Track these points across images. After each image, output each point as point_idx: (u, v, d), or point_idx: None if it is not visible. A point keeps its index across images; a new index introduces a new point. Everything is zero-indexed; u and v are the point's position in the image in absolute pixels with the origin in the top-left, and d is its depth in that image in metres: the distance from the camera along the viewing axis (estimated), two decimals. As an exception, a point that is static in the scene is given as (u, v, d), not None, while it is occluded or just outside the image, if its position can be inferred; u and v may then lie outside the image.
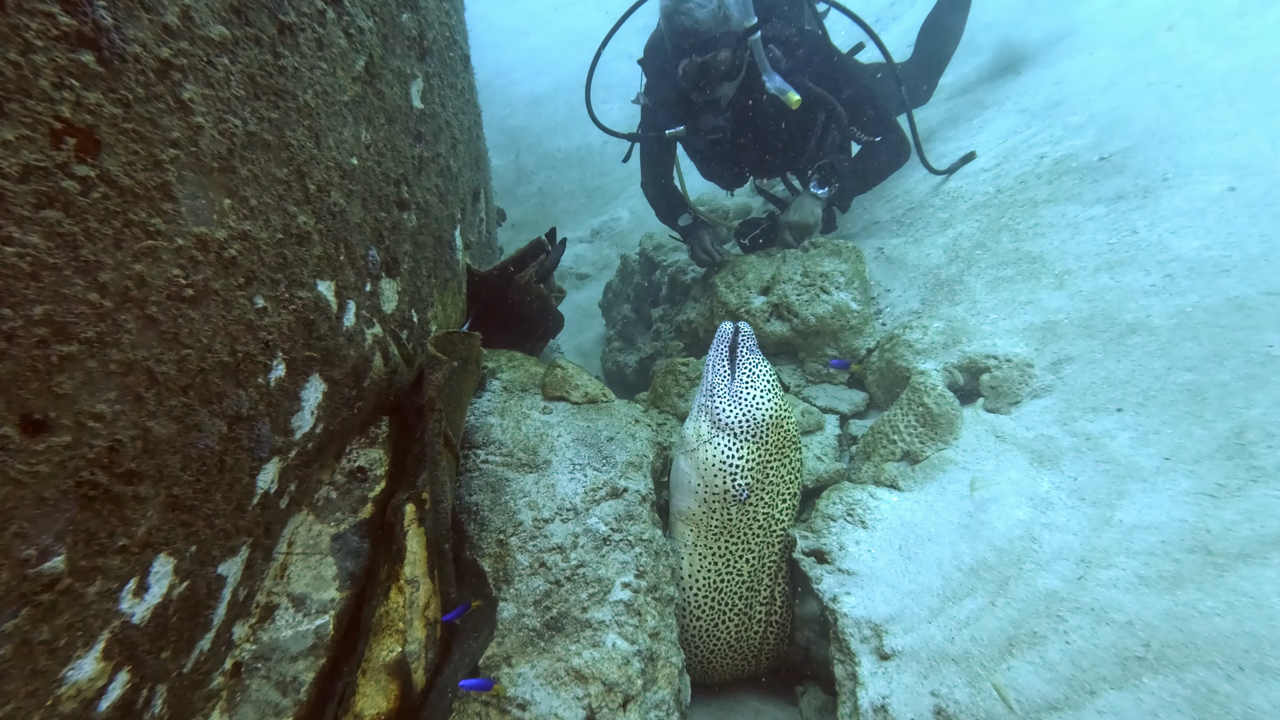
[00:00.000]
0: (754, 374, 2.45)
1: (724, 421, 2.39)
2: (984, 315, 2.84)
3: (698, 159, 4.06)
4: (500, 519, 2.26)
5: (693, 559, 2.53)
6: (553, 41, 12.11)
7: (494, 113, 10.93)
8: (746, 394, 2.41)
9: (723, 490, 2.40)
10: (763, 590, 2.54)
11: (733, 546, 2.49)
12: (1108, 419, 2.22)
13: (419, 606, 2.05)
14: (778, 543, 2.53)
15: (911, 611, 2.11)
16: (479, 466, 2.40)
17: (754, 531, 2.50)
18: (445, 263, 2.68)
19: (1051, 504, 2.13)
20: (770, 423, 2.40)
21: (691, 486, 2.46)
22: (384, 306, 2.18)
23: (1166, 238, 2.49)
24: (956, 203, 3.58)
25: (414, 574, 2.08)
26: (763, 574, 2.53)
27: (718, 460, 2.38)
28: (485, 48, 12.18)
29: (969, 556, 2.15)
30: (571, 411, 2.66)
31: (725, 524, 2.44)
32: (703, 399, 2.50)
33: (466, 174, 2.91)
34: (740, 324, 2.55)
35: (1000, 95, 4.33)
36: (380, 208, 2.06)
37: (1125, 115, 3.15)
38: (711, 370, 2.50)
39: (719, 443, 2.39)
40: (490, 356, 2.95)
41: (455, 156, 2.68)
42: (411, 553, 2.11)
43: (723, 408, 2.41)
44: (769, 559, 2.53)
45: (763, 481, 2.44)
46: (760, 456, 2.40)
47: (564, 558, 2.19)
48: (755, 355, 2.51)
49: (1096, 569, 1.84)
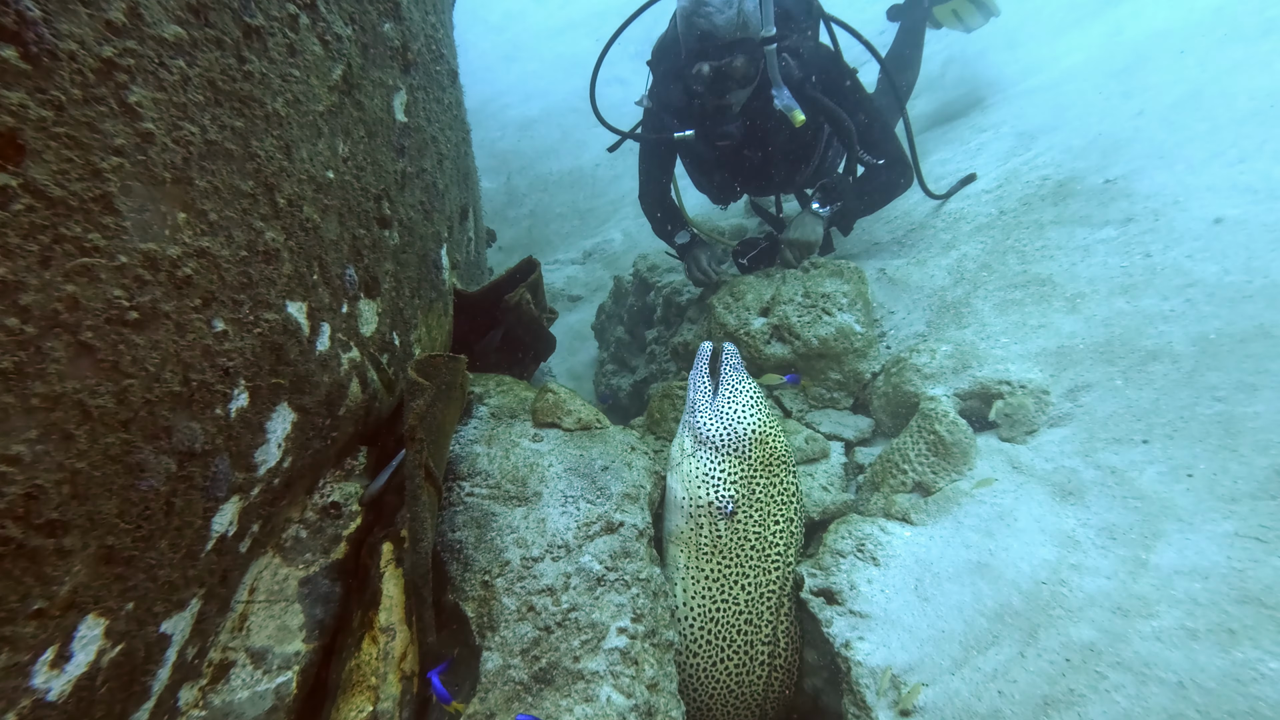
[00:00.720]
0: (736, 390, 2.43)
1: (704, 436, 2.38)
2: (994, 339, 2.73)
3: (694, 169, 3.97)
4: (485, 558, 2.09)
5: (686, 584, 2.39)
6: (544, 67, 12.17)
7: (485, 136, 10.94)
8: (728, 409, 2.39)
9: (707, 502, 2.34)
10: (764, 626, 2.37)
11: (725, 569, 2.35)
12: (1133, 451, 2.10)
13: (394, 658, 1.86)
14: (775, 571, 2.38)
15: (932, 661, 1.95)
16: (463, 500, 2.24)
17: (747, 554, 2.36)
18: (430, 283, 2.54)
19: (1078, 543, 2.00)
20: (753, 438, 2.36)
21: (677, 502, 2.41)
22: (362, 329, 2.03)
23: (1183, 261, 2.40)
24: (959, 224, 3.50)
25: (390, 621, 1.90)
26: (762, 606, 2.37)
27: (699, 473, 2.36)
28: (476, 73, 12.22)
29: (991, 599, 2.00)
30: (564, 439, 2.51)
31: (714, 542, 2.34)
32: (686, 415, 2.51)
33: (453, 191, 2.79)
34: (725, 344, 2.56)
35: (997, 119, 4.30)
36: (359, 224, 1.92)
37: (1128, 139, 3.09)
38: (693, 387, 2.51)
39: (701, 455, 2.38)
40: (478, 381, 2.79)
41: (441, 173, 2.56)
42: (388, 597, 1.93)
43: (703, 423, 2.40)
44: (767, 588, 2.37)
45: (749, 498, 2.35)
46: (744, 471, 2.35)
47: (554, 601, 2.02)
48: (739, 373, 2.49)
49: (1136, 619, 1.69)
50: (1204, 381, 2.08)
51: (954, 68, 5.60)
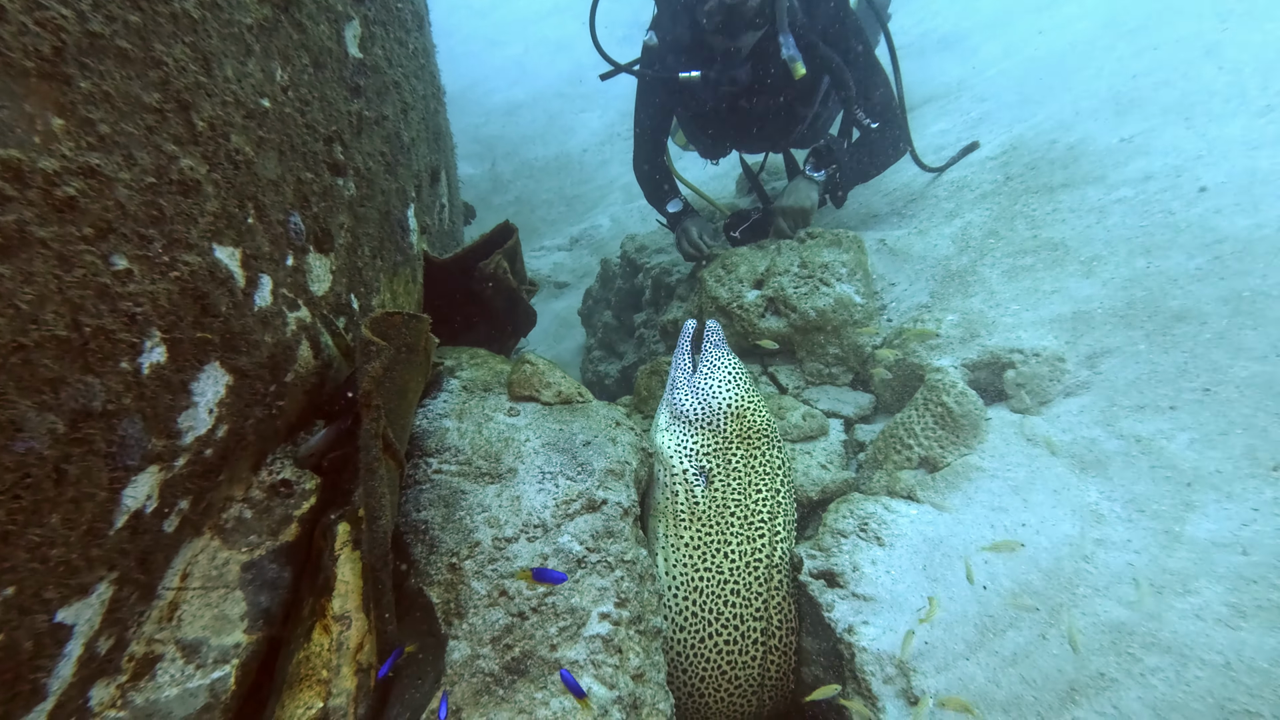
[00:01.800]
0: (715, 367, 2.41)
1: (679, 411, 2.38)
2: (1004, 306, 2.56)
3: (690, 117, 3.77)
4: (453, 539, 1.89)
5: (666, 553, 2.29)
6: (529, 50, 11.91)
7: (469, 121, 10.68)
8: (704, 385, 2.38)
9: (681, 471, 2.30)
10: (753, 600, 2.21)
11: (705, 536, 2.25)
12: (1160, 419, 1.93)
13: (349, 649, 1.67)
14: (760, 539, 2.25)
15: (944, 645, 1.78)
16: (430, 477, 2.04)
17: (727, 521, 2.26)
18: (395, 245, 2.33)
19: (1103, 517, 1.83)
20: (728, 412, 2.33)
21: (656, 477, 2.38)
22: (312, 287, 1.82)
23: (1210, 217, 2.23)
24: (962, 192, 3.32)
25: (345, 608, 1.70)
26: (749, 577, 2.22)
27: (672, 444, 2.35)
28: (461, 58, 11.95)
29: (1009, 579, 1.83)
30: (542, 413, 2.31)
31: (691, 509, 2.28)
32: (665, 393, 2.50)
33: (422, 149, 2.58)
34: (709, 321, 2.54)
35: (999, 87, 4.12)
36: (305, 166, 1.71)
37: (1143, 97, 2.92)
38: (674, 366, 2.50)
39: (674, 429, 2.38)
40: (449, 354, 2.59)
41: (406, 124, 2.34)
42: (343, 582, 1.73)
43: (679, 398, 2.40)
44: (753, 557, 2.23)
45: (725, 468, 2.30)
46: (718, 444, 2.32)
47: (529, 584, 1.83)
48: (720, 350, 2.46)
49: (1172, 596, 1.52)
50: (1238, 342, 1.92)
51: (952, 38, 5.42)
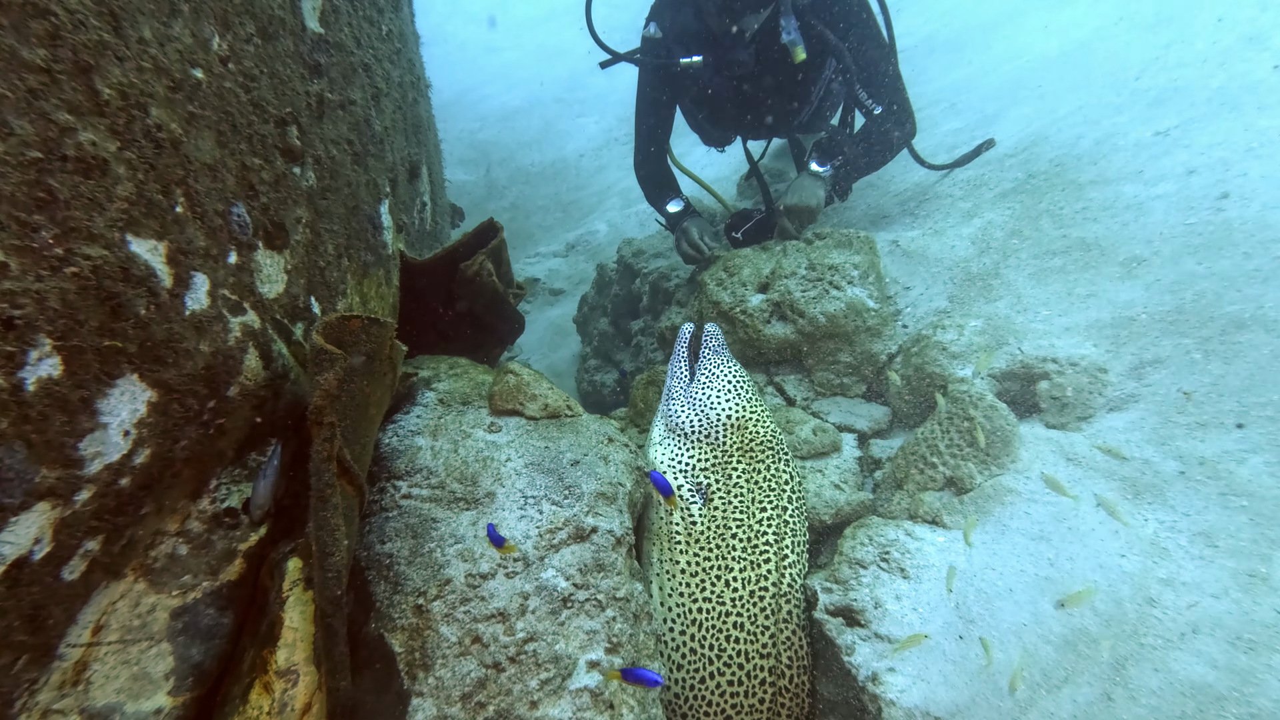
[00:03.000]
0: (713, 375, 2.21)
1: (675, 423, 2.19)
2: (1033, 312, 2.34)
3: (692, 105, 3.59)
4: (421, 575, 1.66)
5: (661, 581, 2.06)
6: (525, 56, 11.80)
7: (464, 127, 10.55)
8: (702, 395, 2.19)
9: (674, 489, 2.11)
10: (760, 634, 1.97)
11: (704, 562, 2.03)
12: (1225, 438, 1.71)
13: (294, 710, 1.43)
14: (766, 564, 2.03)
15: (987, 701, 1.54)
16: (398, 503, 1.81)
17: (729, 544, 2.04)
18: (365, 243, 2.11)
19: (1167, 552, 1.60)
20: (729, 424, 2.14)
21: (651, 495, 2.16)
22: (262, 288, 1.59)
23: (1267, 214, 2.02)
24: (980, 190, 3.11)
25: (291, 661, 1.47)
26: (755, 609, 1.99)
27: (666, 459, 2.17)
28: (456, 63, 11.83)
29: (1059, 623, 1.59)
30: (526, 429, 2.08)
31: (688, 531, 2.07)
32: (661, 404, 2.31)
33: (398, 141, 2.36)
34: (707, 325, 2.31)
35: (1015, 84, 3.93)
36: (252, 150, 1.49)
37: (1178, 88, 2.72)
38: (670, 374, 2.31)
39: (668, 443, 2.19)
40: (426, 363, 2.36)
41: (378, 112, 2.13)
42: (290, 629, 1.50)
43: (675, 409, 2.21)
44: (758, 585, 2.01)
45: (725, 484, 2.10)
46: (717, 459, 2.12)
47: (507, 629, 1.59)
48: (719, 356, 2.26)
49: (1268, 654, 1.29)
50: (1311, 350, 1.70)
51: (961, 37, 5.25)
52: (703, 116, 3.60)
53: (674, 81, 3.37)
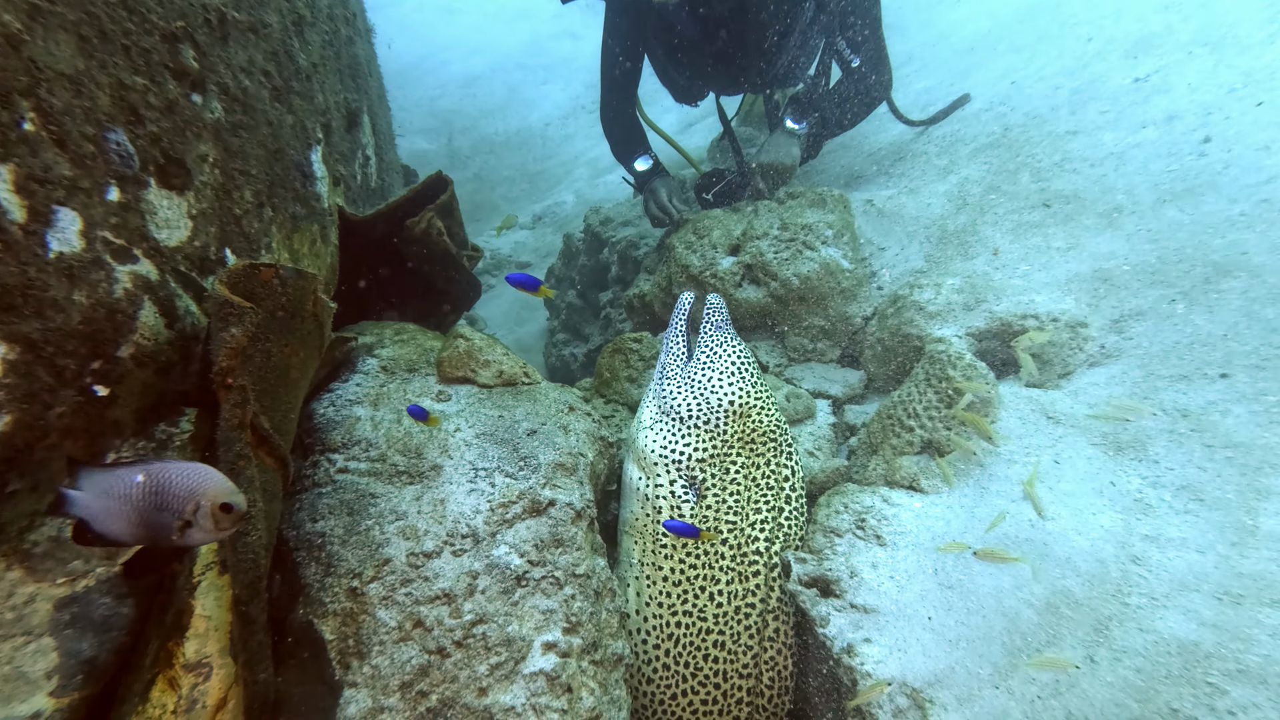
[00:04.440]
0: (716, 354, 1.97)
1: (670, 406, 1.94)
2: (1011, 268, 2.25)
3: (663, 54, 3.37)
4: (357, 556, 1.50)
5: (640, 586, 1.87)
6: (487, 20, 11.33)
7: (424, 94, 10.11)
8: (703, 376, 1.94)
9: (666, 482, 1.88)
10: (743, 655, 1.81)
11: (690, 570, 1.84)
12: (1209, 388, 1.64)
13: (206, 708, 1.27)
14: (755, 579, 1.83)
15: (967, 669, 1.46)
16: (332, 478, 1.64)
17: (718, 553, 1.83)
18: (294, 193, 1.90)
19: (1150, 508, 1.52)
20: (731, 411, 1.90)
21: (633, 484, 1.95)
22: (158, 233, 1.39)
23: (1252, 156, 1.94)
24: (956, 146, 3.00)
25: (203, 653, 1.30)
26: (740, 629, 1.81)
27: (658, 447, 1.92)
28: (414, 27, 11.32)
29: (1041, 585, 1.51)
30: (479, 398, 1.92)
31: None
32: (654, 383, 2.06)
33: (331, 82, 2.14)
34: (710, 296, 2.06)
35: (987, 39, 3.82)
36: (131, 66, 1.28)
37: (1156, 33, 2.63)
38: (666, 348, 2.04)
39: (661, 428, 1.94)
40: (370, 329, 2.17)
41: (303, 46, 1.91)
42: (203, 617, 1.33)
43: (671, 391, 1.95)
44: (744, 600, 1.82)
45: (721, 480, 1.88)
46: (716, 450, 1.89)
47: (453, 611, 1.45)
48: (721, 332, 2.01)
49: (1256, 608, 1.22)
50: (1298, 296, 1.63)
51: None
52: (674, 66, 3.39)
53: (644, 23, 3.15)
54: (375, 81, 2.97)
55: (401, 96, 9.80)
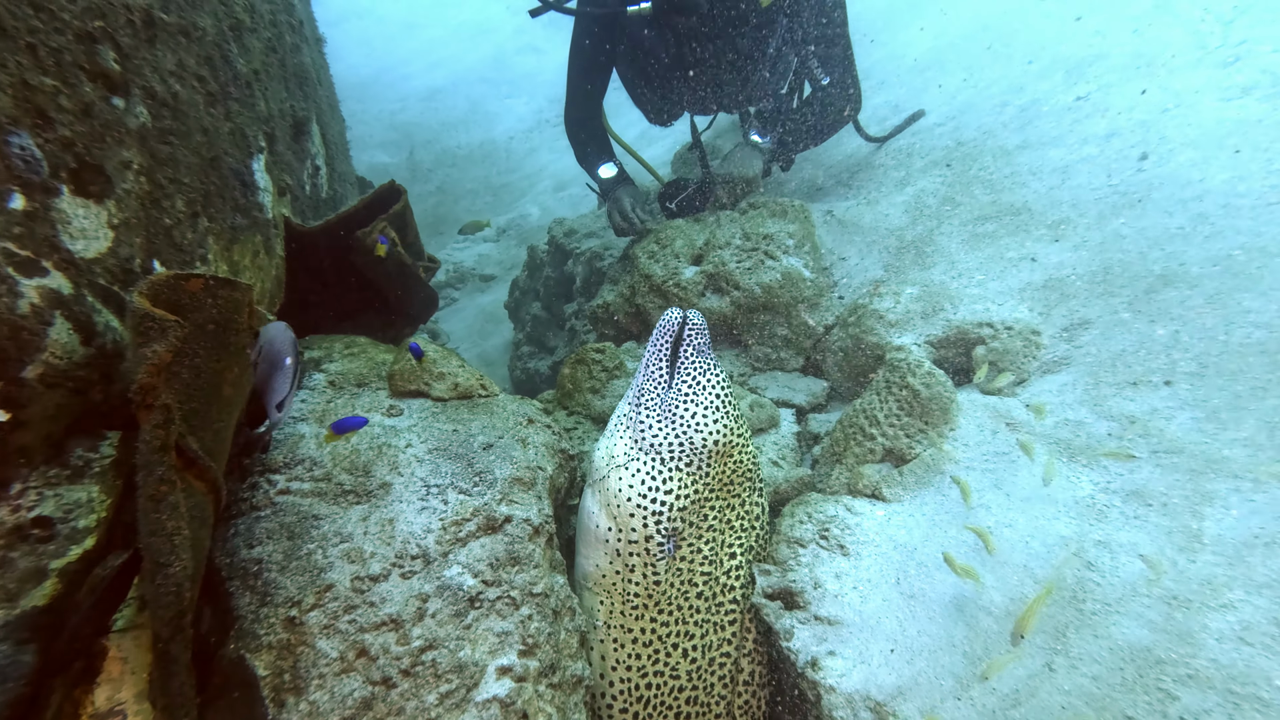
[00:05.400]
0: (700, 382, 1.74)
1: (650, 443, 1.70)
2: (967, 277, 2.29)
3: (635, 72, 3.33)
4: (297, 582, 1.41)
5: (607, 649, 1.70)
6: (448, 34, 11.28)
7: (383, 108, 9.99)
8: (685, 408, 1.71)
9: (642, 537, 1.65)
10: (713, 704, 1.73)
11: (662, 629, 1.69)
12: (1154, 396, 1.68)
13: (124, 758, 1.16)
14: (730, 628, 1.75)
15: (929, 680, 1.45)
16: (272, 500, 1.55)
17: (693, 607, 1.70)
18: (234, 203, 1.81)
19: (1103, 514, 1.55)
20: (715, 450, 1.71)
21: (599, 533, 1.71)
22: (72, 244, 1.30)
23: (1186, 172, 2.02)
24: (912, 159, 3.07)
25: (115, 700, 1.21)
26: (712, 678, 1.73)
27: (635, 492, 1.67)
28: (375, 40, 11.20)
29: (999, 592, 1.52)
30: (432, 412, 1.85)
31: (649, 591, 1.67)
32: (626, 405, 1.81)
33: (275, 89, 2.06)
34: (690, 314, 1.81)
35: (940, 58, 3.94)
36: (37, 65, 1.20)
37: (1094, 55, 2.74)
38: (645, 371, 1.80)
39: (638, 468, 1.69)
40: (317, 343, 2.08)
41: (243, 52, 1.83)
42: (117, 660, 1.23)
43: (649, 422, 1.72)
44: (719, 651, 1.73)
45: (699, 527, 1.71)
46: (697, 493, 1.70)
47: (400, 638, 1.38)
48: (705, 358, 1.79)
49: (1203, 612, 1.24)
50: (1235, 306, 1.69)
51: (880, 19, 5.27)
52: (644, 83, 3.36)
53: (614, 36, 3.12)
54: (326, 90, 2.89)
55: (361, 110, 9.65)
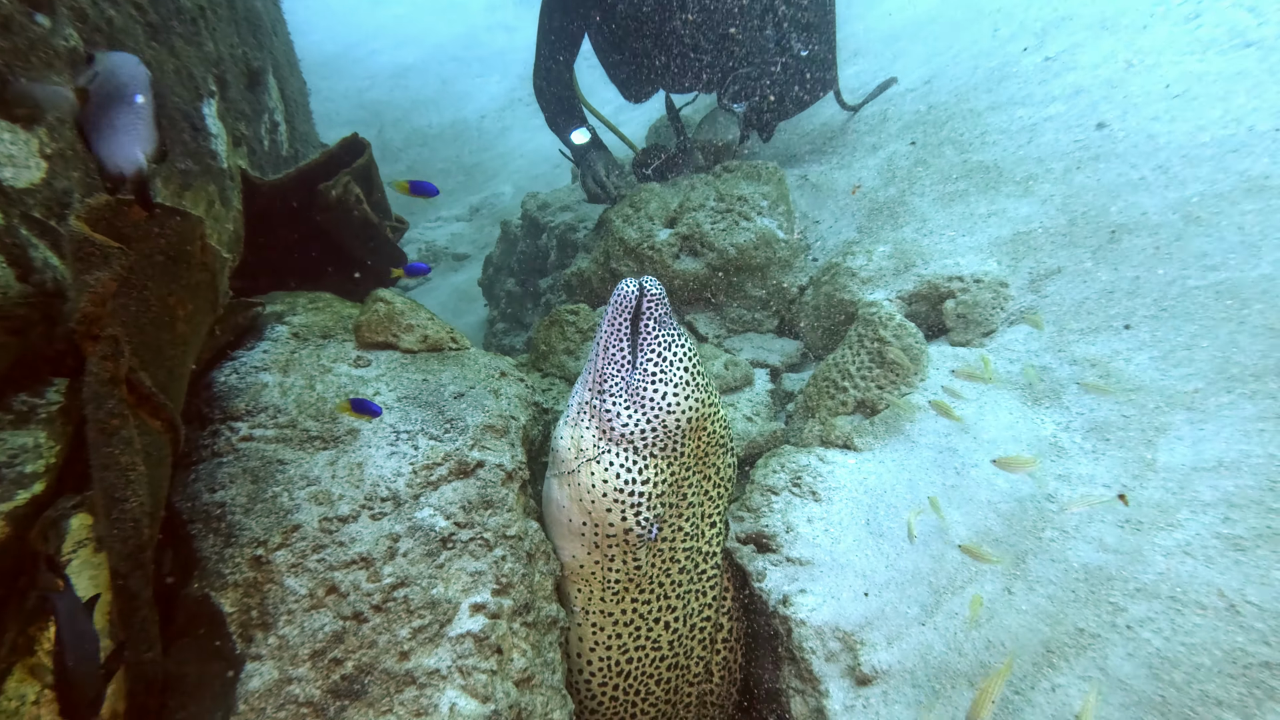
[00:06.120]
0: (666, 358, 1.59)
1: (619, 432, 1.56)
2: (938, 234, 2.32)
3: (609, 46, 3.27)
4: (262, 524, 1.38)
5: (586, 632, 1.67)
6: (417, 10, 11.02)
7: (351, 85, 9.73)
8: (654, 389, 1.57)
9: (621, 530, 1.57)
10: (694, 666, 1.75)
11: (645, 607, 1.66)
12: (1115, 339, 1.73)
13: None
14: (711, 593, 1.74)
15: (896, 609, 1.48)
16: (234, 446, 1.51)
17: (674, 580, 1.67)
18: (183, 146, 1.75)
19: (1063, 450, 1.59)
20: (689, 427, 1.60)
21: (573, 527, 1.62)
22: (1, 173, 1.23)
23: (1148, 125, 2.07)
24: (885, 124, 3.09)
25: (76, 636, 1.16)
26: (692, 643, 1.73)
27: (610, 487, 1.56)
28: (339, 15, 10.88)
29: (964, 526, 1.55)
30: (401, 363, 1.82)
31: (630, 576, 1.62)
32: (586, 392, 1.64)
33: (225, 32, 1.99)
34: (646, 282, 1.62)
35: (913, 28, 3.97)
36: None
37: (1063, 16, 2.78)
38: (603, 352, 1.61)
39: (611, 460, 1.57)
40: (280, 298, 2.03)
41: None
42: (75, 598, 1.18)
43: (617, 410, 1.57)
44: (700, 616, 1.73)
45: (679, 506, 1.64)
46: (674, 474, 1.61)
47: (371, 575, 1.36)
48: (667, 329, 1.62)
49: (1153, 532, 1.28)
50: (1192, 250, 1.74)
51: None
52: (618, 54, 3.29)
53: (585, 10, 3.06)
54: (283, 44, 2.80)
55: (326, 87, 9.38)
